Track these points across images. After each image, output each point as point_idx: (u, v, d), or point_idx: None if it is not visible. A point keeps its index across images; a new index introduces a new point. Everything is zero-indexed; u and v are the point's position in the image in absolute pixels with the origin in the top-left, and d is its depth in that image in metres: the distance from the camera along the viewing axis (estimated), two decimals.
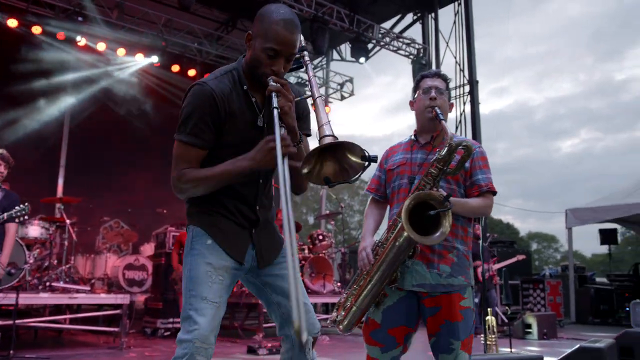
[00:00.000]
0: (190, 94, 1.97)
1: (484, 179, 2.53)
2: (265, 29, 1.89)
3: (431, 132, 2.60)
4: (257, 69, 1.93)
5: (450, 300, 2.40)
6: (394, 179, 2.62)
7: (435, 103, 2.53)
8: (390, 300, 2.47)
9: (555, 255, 51.28)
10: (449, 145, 2.31)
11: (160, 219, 10.36)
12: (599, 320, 10.48)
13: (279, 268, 2.08)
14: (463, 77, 11.56)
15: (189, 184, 1.94)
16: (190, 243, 2.01)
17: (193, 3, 7.73)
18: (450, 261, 2.44)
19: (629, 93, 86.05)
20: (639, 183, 10.84)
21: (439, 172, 2.35)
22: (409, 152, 2.63)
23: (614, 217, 10.57)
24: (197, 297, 1.89)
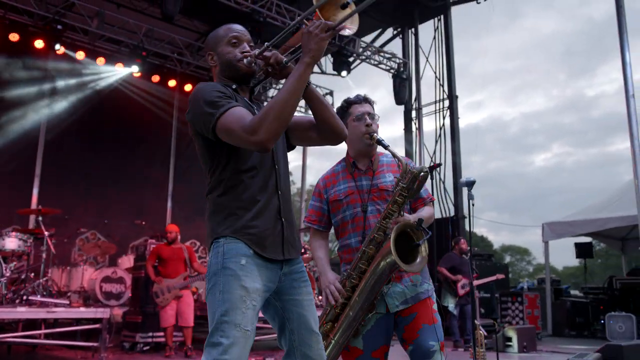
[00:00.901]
0: (197, 89, 1.96)
1: (424, 192, 2.67)
2: (217, 35, 2.10)
3: (368, 157, 2.66)
4: (230, 62, 2.04)
5: (425, 305, 2.49)
6: (344, 209, 2.61)
7: (372, 129, 2.58)
8: (368, 325, 2.48)
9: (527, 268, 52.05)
10: (412, 174, 2.39)
11: (138, 231, 10.21)
12: (574, 332, 10.63)
13: (298, 292, 2.01)
14: (443, 92, 11.71)
15: (265, 120, 1.75)
16: (222, 261, 1.85)
17: (176, 14, 7.68)
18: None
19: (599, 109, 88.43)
20: (612, 197, 11.07)
21: (404, 200, 2.42)
22: (352, 179, 2.63)
23: (589, 230, 10.77)
24: (230, 323, 1.77)
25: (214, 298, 1.83)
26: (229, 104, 1.85)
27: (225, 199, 1.93)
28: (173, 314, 6.63)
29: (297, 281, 2.02)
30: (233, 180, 1.93)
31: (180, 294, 6.67)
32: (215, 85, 1.95)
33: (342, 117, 2.66)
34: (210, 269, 1.88)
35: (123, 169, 10.95)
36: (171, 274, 6.75)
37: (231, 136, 1.82)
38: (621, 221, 9.93)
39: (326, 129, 2.04)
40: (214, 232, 1.93)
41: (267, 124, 1.74)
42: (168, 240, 6.97)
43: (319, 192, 2.74)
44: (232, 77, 2.05)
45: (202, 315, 7.74)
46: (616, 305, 9.99)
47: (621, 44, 8.13)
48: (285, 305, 1.99)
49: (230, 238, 1.88)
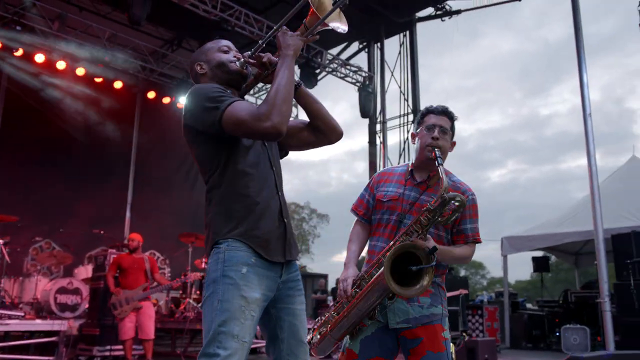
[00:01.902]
0: (195, 89, 1.97)
1: (471, 228, 2.52)
2: (206, 47, 2.16)
3: (428, 171, 2.54)
4: (223, 63, 2.06)
5: (433, 331, 2.38)
6: (383, 212, 2.55)
7: (437, 143, 2.46)
8: (368, 331, 2.43)
9: (482, 281, 53.03)
10: (442, 199, 2.25)
11: (95, 241, 9.90)
12: (531, 345, 10.83)
13: (293, 302, 2.00)
14: (407, 106, 11.88)
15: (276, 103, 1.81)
16: (223, 268, 1.81)
17: (144, 19, 7.54)
18: (429, 292, 2.44)
19: (552, 128, 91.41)
20: (568, 213, 11.40)
21: (428, 222, 2.29)
22: (403, 186, 2.55)
23: (546, 245, 11.05)
24: (227, 334, 1.73)
25: (211, 307, 1.79)
26: (231, 98, 1.87)
27: (227, 201, 1.91)
28: (132, 327, 6.43)
29: (292, 289, 2.01)
30: (233, 181, 1.92)
31: (139, 305, 6.47)
32: (211, 84, 1.99)
33: (418, 123, 2.61)
34: (209, 276, 1.84)
35: (81, 176, 10.61)
36: (131, 284, 6.55)
37: (240, 126, 1.82)
38: (576, 236, 10.24)
39: (320, 125, 2.07)
40: (215, 235, 1.89)
41: (276, 109, 1.79)
42: (130, 248, 6.78)
43: (371, 185, 2.67)
44: (224, 80, 2.06)
45: (163, 328, 7.56)
46: (571, 318, 10.25)
47: (579, 65, 8.39)
48: (279, 314, 1.98)
49: (233, 242, 1.85)
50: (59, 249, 9.41)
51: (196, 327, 6.77)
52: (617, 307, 7.71)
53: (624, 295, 7.63)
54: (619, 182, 10.75)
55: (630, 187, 10.26)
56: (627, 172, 11.24)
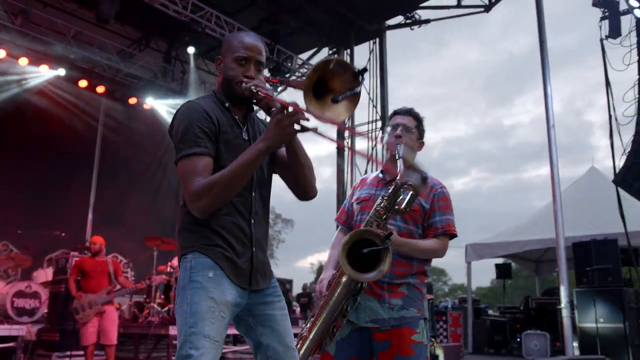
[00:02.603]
0: (180, 112, 1.93)
1: (441, 220, 2.54)
2: (231, 44, 2.02)
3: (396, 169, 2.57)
4: (231, 80, 1.97)
5: (401, 334, 2.39)
6: (357, 213, 2.63)
7: (400, 141, 2.54)
8: (343, 333, 2.45)
9: (443, 288, 53.77)
10: (395, 185, 2.33)
11: (56, 243, 9.62)
12: (493, 350, 11.03)
13: (272, 307, 1.97)
14: (375, 113, 11.97)
15: (209, 193, 1.77)
16: (189, 275, 1.83)
17: (112, 18, 7.39)
18: (402, 294, 2.45)
19: (515, 137, 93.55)
20: (529, 221, 11.67)
21: (385, 211, 2.34)
22: (374, 187, 2.63)
23: (508, 252, 11.29)
24: (198, 334, 1.74)
25: (181, 311, 1.80)
26: (196, 148, 1.83)
27: (193, 222, 1.89)
28: (94, 331, 6.24)
29: (269, 296, 1.97)
30: None
31: (102, 309, 6.30)
32: (199, 111, 1.90)
33: (387, 126, 2.69)
34: (179, 284, 1.86)
35: (42, 176, 10.29)
36: (94, 288, 6.36)
37: (181, 185, 1.86)
38: (538, 244, 10.50)
39: (295, 184, 2.04)
40: (182, 248, 1.90)
41: (207, 197, 1.77)
42: (92, 252, 6.60)
43: (352, 192, 2.75)
44: (228, 95, 2.01)
45: (125, 333, 7.39)
46: (532, 324, 10.49)
47: (544, 78, 8.63)
48: (258, 321, 1.95)
49: (197, 254, 1.85)
50: (17, 252, 9.09)
51: (161, 332, 6.64)
52: (577, 313, 7.91)
53: (583, 302, 7.83)
54: (579, 192, 11.08)
55: (589, 197, 10.58)
56: (586, 182, 11.59)
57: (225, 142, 1.91)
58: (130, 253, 9.93)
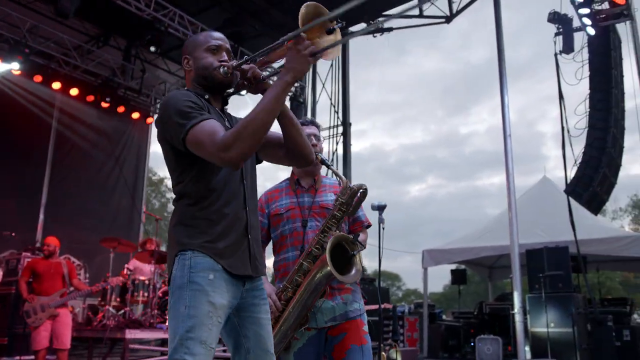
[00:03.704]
0: (169, 97, 1.89)
1: (362, 215, 2.82)
2: (197, 40, 2.05)
3: (312, 175, 2.77)
4: (206, 68, 1.97)
5: (356, 325, 2.54)
6: (284, 223, 2.67)
7: (316, 149, 2.69)
8: (300, 342, 2.51)
9: (397, 293, 54.44)
10: (351, 190, 2.51)
11: (6, 243, 9.24)
12: (447, 354, 11.22)
13: (258, 310, 1.97)
14: (337, 118, 12.05)
15: (239, 137, 1.69)
16: (188, 275, 1.78)
17: (72, 12, 7.17)
18: (349, 290, 2.62)
19: (470, 146, 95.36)
20: (484, 228, 11.97)
21: (342, 215, 2.51)
22: (294, 196, 2.72)
23: (464, 258, 11.53)
24: (195, 340, 1.71)
25: (177, 313, 1.76)
26: (201, 116, 1.79)
27: (193, 209, 1.87)
28: (47, 335, 6.04)
29: (257, 298, 1.98)
30: (201, 191, 1.87)
31: (56, 312, 6.10)
32: (187, 94, 1.88)
33: None
34: (175, 282, 1.81)
35: None
36: (47, 290, 6.16)
37: (201, 150, 1.76)
38: (492, 250, 10.78)
39: (294, 150, 2.03)
40: (179, 244, 1.85)
41: (240, 142, 1.70)
42: (45, 253, 6.38)
43: (260, 206, 2.75)
44: (206, 85, 1.99)
45: (78, 337, 7.17)
46: (485, 328, 10.73)
47: (501, 88, 8.87)
48: (243, 323, 1.94)
49: (197, 252, 1.82)
50: None
51: (116, 336, 6.47)
52: (528, 318, 8.15)
53: (535, 308, 8.08)
54: (531, 201, 11.43)
55: (542, 206, 10.94)
56: (539, 191, 11.98)
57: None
58: (84, 255, 9.63)
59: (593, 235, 9.39)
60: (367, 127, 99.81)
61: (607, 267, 13.53)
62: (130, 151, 12.73)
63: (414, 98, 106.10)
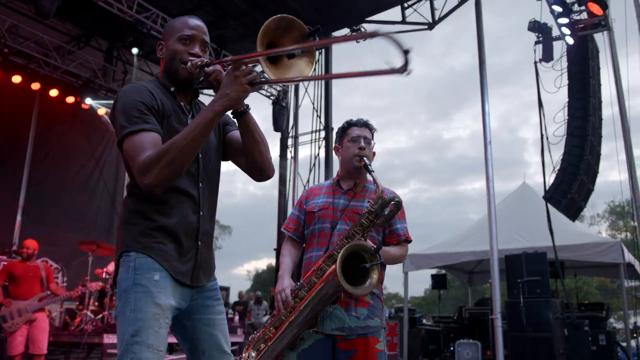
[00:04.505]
0: (123, 91, 1.82)
1: (402, 228, 2.69)
2: (174, 26, 1.95)
3: (354, 179, 2.71)
4: (173, 61, 1.90)
5: (367, 343, 2.45)
6: (315, 222, 2.65)
7: (364, 153, 2.63)
8: (306, 344, 2.47)
9: None
10: (382, 200, 2.39)
11: None
12: (427, 359, 11.28)
13: (210, 311, 1.93)
14: (319, 123, 12.07)
15: (158, 163, 1.63)
16: (133, 277, 1.73)
17: (53, 13, 7.09)
18: (367, 304, 2.53)
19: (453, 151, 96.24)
20: (465, 233, 12.05)
21: (369, 224, 2.41)
22: (331, 196, 2.68)
23: (445, 263, 11.60)
24: (141, 344, 1.66)
25: (124, 317, 1.70)
26: (144, 124, 1.73)
27: (142, 209, 1.81)
28: (23, 341, 5.94)
29: (209, 299, 1.94)
30: (149, 195, 1.79)
31: (33, 317, 6.01)
32: (140, 91, 1.81)
33: (340, 136, 2.73)
34: (121, 286, 1.75)
35: None
36: (24, 294, 6.06)
37: (129, 163, 1.73)
38: (472, 256, 10.84)
39: (251, 163, 1.97)
40: (124, 244, 1.80)
41: (156, 170, 1.64)
42: (24, 256, 6.28)
43: (300, 202, 2.76)
44: (172, 77, 1.93)
45: (55, 342, 7.07)
46: (464, 333, 10.80)
47: (482, 96, 8.96)
48: (196, 325, 1.90)
49: (140, 253, 1.76)
50: None
51: (94, 341, 6.40)
52: (507, 323, 8.23)
53: (514, 312, 8.16)
54: (511, 207, 11.53)
55: (521, 211, 11.04)
56: (518, 197, 12.09)
57: (169, 127, 1.82)
58: (62, 258, 9.51)
59: (571, 241, 9.52)
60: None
61: (585, 272, 13.70)
62: (110, 153, 12.61)
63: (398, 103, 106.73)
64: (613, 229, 37.00)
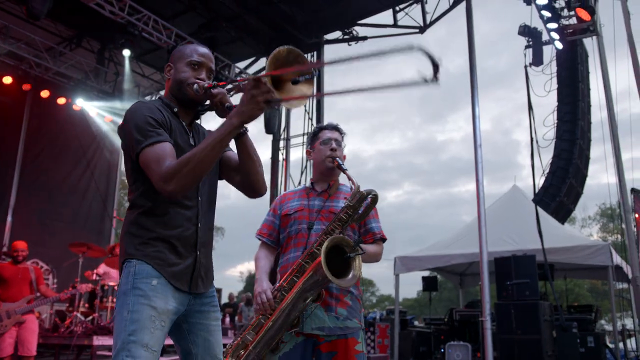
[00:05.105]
0: (133, 108, 1.93)
1: (377, 227, 2.76)
2: (184, 51, 2.07)
3: (328, 180, 2.77)
4: (181, 82, 2.01)
5: (346, 345, 2.49)
6: (291, 224, 2.70)
7: (336, 154, 2.71)
8: (287, 347, 2.50)
9: (371, 299, 54.64)
10: (360, 194, 2.48)
11: None
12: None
13: (207, 317, 2.01)
14: (311, 125, 12.09)
15: (180, 172, 1.74)
16: (132, 281, 1.83)
17: (44, 14, 7.09)
18: (346, 304, 2.57)
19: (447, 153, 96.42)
20: (456, 236, 12.10)
21: (348, 218, 2.49)
22: (306, 199, 2.74)
23: (435, 265, 11.65)
24: (137, 343, 1.74)
25: (121, 318, 1.79)
26: (158, 136, 1.84)
27: (143, 221, 1.91)
28: (12, 342, 5.92)
29: (206, 305, 2.02)
30: (151, 204, 1.91)
31: (22, 319, 6.00)
32: (151, 107, 1.93)
33: (311, 140, 2.80)
34: (120, 289, 1.86)
35: None
36: (14, 296, 6.04)
37: (148, 173, 1.83)
38: (462, 258, 10.90)
39: (247, 181, 2.07)
40: (126, 253, 1.90)
41: (179, 178, 1.75)
42: (19, 259, 6.24)
43: (274, 207, 2.81)
44: (178, 98, 2.04)
45: (44, 344, 7.06)
46: (455, 335, 10.86)
47: (472, 100, 9.03)
48: (192, 329, 1.98)
49: (141, 261, 1.87)
50: None
51: (84, 343, 6.39)
52: (497, 325, 8.29)
53: (503, 315, 8.22)
54: (501, 209, 11.61)
55: (511, 214, 11.11)
56: (508, 199, 12.16)
57: (175, 144, 1.92)
58: (52, 259, 9.49)
59: (560, 243, 9.59)
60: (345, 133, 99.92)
61: (575, 275, 13.80)
62: (102, 155, 12.59)
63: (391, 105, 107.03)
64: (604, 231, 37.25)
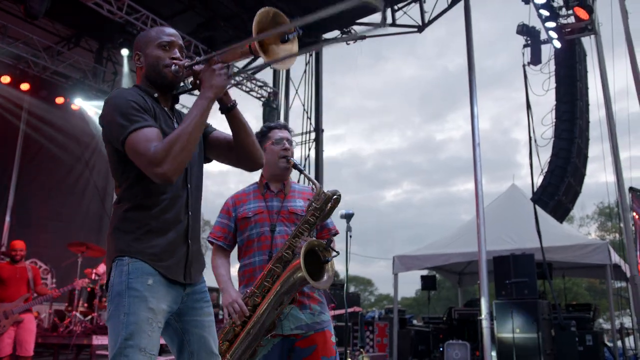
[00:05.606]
0: (113, 95, 1.88)
1: (331, 223, 2.81)
2: (149, 36, 2.02)
3: (282, 180, 2.76)
4: (157, 66, 1.96)
5: (324, 337, 2.55)
6: (252, 227, 2.65)
7: (289, 153, 2.71)
8: (264, 350, 2.50)
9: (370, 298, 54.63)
10: (325, 196, 2.51)
11: None
12: (416, 359, 11.34)
13: (200, 313, 1.97)
14: (310, 125, 12.09)
15: (169, 153, 1.71)
16: (127, 281, 1.77)
17: (42, 14, 7.07)
18: (317, 300, 2.62)
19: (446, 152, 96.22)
20: (454, 235, 12.12)
21: (316, 220, 2.51)
22: (263, 200, 2.70)
23: (434, 264, 11.66)
24: (134, 347, 1.70)
25: (117, 320, 1.74)
26: (144, 121, 1.79)
27: (132, 214, 1.86)
28: (10, 342, 5.92)
29: (199, 302, 1.99)
30: (139, 196, 1.86)
31: (20, 319, 5.99)
32: (132, 93, 1.88)
33: (260, 140, 2.70)
34: (114, 289, 1.79)
35: None
36: (11, 296, 6.03)
37: (136, 159, 1.77)
38: (461, 257, 10.92)
39: (244, 154, 2.04)
40: (116, 250, 1.84)
41: (171, 157, 1.72)
42: (17, 258, 6.23)
43: (227, 209, 2.74)
44: (156, 83, 1.98)
45: (43, 344, 7.06)
46: (454, 334, 10.87)
47: (471, 99, 9.03)
48: (185, 327, 1.94)
49: (134, 258, 1.81)
50: None
51: (83, 342, 6.39)
52: (495, 324, 8.29)
53: (502, 313, 8.23)
54: (500, 208, 11.63)
55: (509, 213, 11.14)
56: (507, 199, 12.20)
57: (160, 130, 1.86)
58: (51, 259, 9.47)
59: (559, 242, 9.61)
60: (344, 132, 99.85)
61: (573, 273, 13.84)
62: (100, 155, 12.56)
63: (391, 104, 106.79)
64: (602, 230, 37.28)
